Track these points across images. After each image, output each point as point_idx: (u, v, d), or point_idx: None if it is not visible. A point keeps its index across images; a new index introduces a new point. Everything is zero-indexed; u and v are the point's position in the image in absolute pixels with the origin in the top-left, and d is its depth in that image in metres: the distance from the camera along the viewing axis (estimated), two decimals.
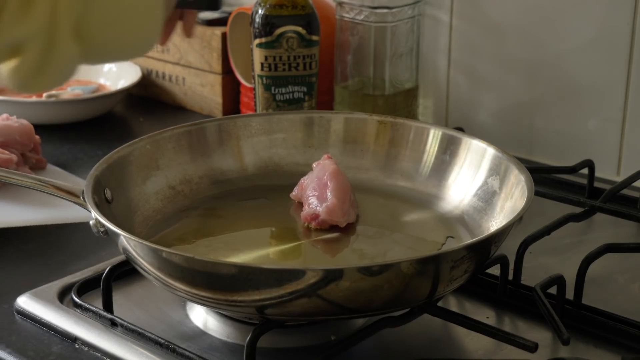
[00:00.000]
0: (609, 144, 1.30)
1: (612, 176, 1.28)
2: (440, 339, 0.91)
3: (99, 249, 1.07)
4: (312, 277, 0.78)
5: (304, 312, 0.82)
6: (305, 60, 1.31)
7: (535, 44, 1.33)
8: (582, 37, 1.29)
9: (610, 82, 1.28)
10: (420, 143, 1.09)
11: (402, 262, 0.81)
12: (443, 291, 0.85)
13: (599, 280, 0.98)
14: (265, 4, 1.31)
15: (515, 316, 0.95)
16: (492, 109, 1.40)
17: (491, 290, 0.96)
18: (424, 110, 1.46)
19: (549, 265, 1.01)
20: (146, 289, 0.97)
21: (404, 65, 1.39)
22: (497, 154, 1.01)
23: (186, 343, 0.88)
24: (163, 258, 0.83)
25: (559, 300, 0.92)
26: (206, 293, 0.83)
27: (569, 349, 0.87)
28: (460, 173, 1.05)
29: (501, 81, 1.38)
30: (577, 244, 1.08)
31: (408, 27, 1.38)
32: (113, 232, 0.87)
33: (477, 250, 0.84)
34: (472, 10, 1.37)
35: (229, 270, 0.81)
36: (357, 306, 0.82)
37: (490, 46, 1.37)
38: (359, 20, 1.36)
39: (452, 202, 1.04)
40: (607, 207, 1.10)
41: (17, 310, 0.95)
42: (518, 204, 0.92)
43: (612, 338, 0.90)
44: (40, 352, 0.89)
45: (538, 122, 1.36)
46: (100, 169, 0.96)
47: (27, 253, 1.07)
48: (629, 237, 1.11)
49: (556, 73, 1.32)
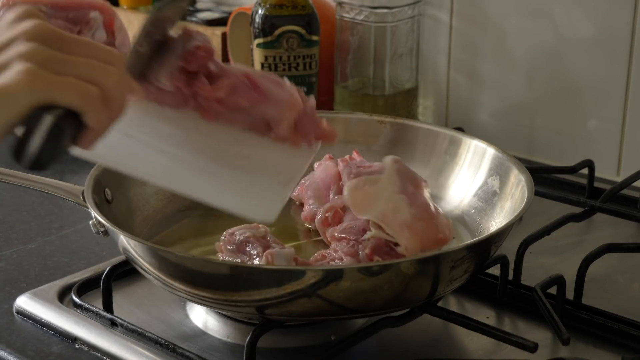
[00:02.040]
0: (609, 144, 1.30)
1: (612, 176, 1.28)
2: (440, 339, 0.91)
3: (99, 249, 1.07)
4: (312, 277, 0.78)
5: (304, 312, 0.82)
6: (305, 60, 1.31)
7: (535, 44, 1.33)
8: (582, 37, 1.29)
9: (610, 82, 1.28)
10: (420, 143, 1.09)
11: (402, 262, 0.81)
12: (443, 291, 0.85)
13: (599, 280, 0.98)
14: (265, 4, 1.31)
15: (515, 316, 0.95)
16: (492, 109, 1.40)
17: (491, 290, 0.96)
18: (424, 110, 1.46)
19: (549, 265, 1.01)
20: (146, 289, 0.97)
21: (404, 65, 1.39)
22: (497, 154, 1.01)
23: (186, 343, 0.88)
24: (163, 258, 0.83)
25: (559, 300, 0.92)
26: (206, 293, 0.83)
27: (569, 349, 0.87)
28: (460, 173, 1.05)
29: (501, 81, 1.38)
30: (577, 244, 1.08)
31: (408, 27, 1.38)
32: (113, 232, 0.87)
33: (477, 251, 0.84)
34: (472, 10, 1.37)
35: (229, 270, 0.81)
36: (357, 306, 0.82)
37: (490, 46, 1.37)
38: (359, 20, 1.36)
39: (452, 202, 1.04)
40: (607, 207, 1.10)
41: (17, 310, 0.95)
42: (518, 204, 0.92)
43: (612, 338, 0.90)
44: (40, 352, 0.89)
45: (538, 122, 1.36)
46: (100, 168, 0.96)
47: (27, 253, 1.07)
48: (629, 237, 1.11)
49: (556, 73, 1.32)
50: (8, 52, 0.64)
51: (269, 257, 0.86)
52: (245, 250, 0.89)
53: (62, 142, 0.64)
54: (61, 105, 0.64)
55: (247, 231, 0.90)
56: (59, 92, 0.64)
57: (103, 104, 0.66)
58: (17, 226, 1.14)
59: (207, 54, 0.85)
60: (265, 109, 0.87)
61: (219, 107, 0.85)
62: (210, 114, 0.85)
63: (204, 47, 0.84)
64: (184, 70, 0.84)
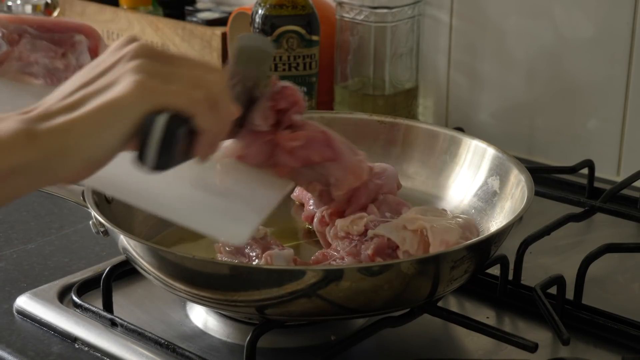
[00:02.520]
0: (609, 144, 1.30)
1: (612, 176, 1.28)
2: (440, 339, 0.91)
3: (99, 249, 1.07)
4: (312, 277, 0.78)
5: (304, 312, 0.82)
6: (305, 60, 1.31)
7: (535, 44, 1.33)
8: (582, 37, 1.29)
9: (610, 82, 1.28)
10: (421, 143, 1.09)
11: (402, 262, 0.81)
12: (443, 291, 0.85)
13: (599, 280, 0.98)
14: (265, 4, 1.31)
15: (515, 316, 0.95)
16: (492, 109, 1.40)
17: (491, 290, 0.96)
18: (424, 110, 1.46)
19: (549, 265, 1.01)
20: (146, 289, 0.97)
21: (404, 65, 1.39)
22: (497, 154, 1.01)
23: (186, 343, 0.88)
24: (163, 258, 0.83)
25: (559, 300, 0.92)
26: (206, 293, 0.83)
27: (569, 349, 0.87)
28: (460, 173, 1.05)
29: (501, 81, 1.38)
30: (577, 244, 1.08)
31: (408, 27, 1.38)
32: (113, 232, 0.87)
33: (477, 251, 0.84)
34: (472, 10, 1.38)
35: (229, 270, 0.81)
36: (357, 306, 0.82)
37: (490, 46, 1.37)
38: (359, 20, 1.36)
39: (452, 202, 1.04)
40: (607, 207, 1.10)
41: (17, 310, 0.95)
42: (518, 204, 0.92)
43: (612, 338, 0.90)
44: (40, 352, 0.89)
45: (538, 122, 1.36)
46: None
47: (27, 253, 1.07)
48: (629, 237, 1.11)
49: (556, 73, 1.32)
50: (116, 70, 0.68)
51: (268, 258, 0.86)
52: (244, 252, 0.89)
53: (177, 141, 0.68)
54: (171, 110, 0.67)
55: None
56: (168, 98, 0.67)
57: (210, 107, 0.70)
58: (17, 226, 1.14)
59: (293, 93, 0.90)
60: (333, 169, 0.91)
61: (291, 161, 0.89)
62: (285, 171, 0.90)
63: (290, 87, 0.90)
64: (274, 109, 0.89)
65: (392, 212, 0.93)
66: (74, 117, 0.66)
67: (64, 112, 0.66)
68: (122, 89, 0.66)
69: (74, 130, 0.65)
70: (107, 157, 0.67)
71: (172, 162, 0.69)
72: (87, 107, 0.66)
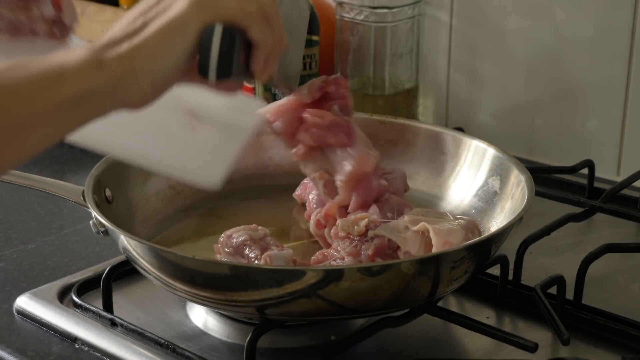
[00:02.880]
0: (609, 144, 1.30)
1: (612, 176, 1.28)
2: (440, 339, 0.91)
3: (99, 249, 1.07)
4: (312, 277, 0.78)
5: (304, 312, 0.82)
6: (305, 60, 1.31)
7: (535, 44, 1.33)
8: (582, 37, 1.29)
9: (610, 82, 1.28)
10: (421, 143, 1.09)
11: (402, 262, 0.81)
12: (443, 291, 0.85)
13: (599, 280, 0.98)
14: None
15: (515, 316, 0.95)
16: (492, 109, 1.40)
17: (491, 290, 0.96)
18: (424, 110, 1.46)
19: (549, 265, 1.01)
20: (146, 289, 0.97)
21: (404, 65, 1.39)
22: (497, 154, 1.01)
23: (186, 343, 0.88)
24: (163, 258, 0.83)
25: (559, 300, 0.92)
26: (206, 293, 0.83)
27: (569, 349, 0.87)
28: (461, 173, 1.05)
29: (501, 81, 1.38)
30: (577, 244, 1.08)
31: (408, 27, 1.38)
32: (113, 232, 0.87)
33: (478, 251, 0.84)
34: (472, 10, 1.37)
35: (229, 270, 0.81)
36: (357, 306, 0.82)
37: (490, 46, 1.37)
38: (359, 20, 1.36)
39: (453, 202, 1.04)
40: (607, 207, 1.10)
41: (17, 310, 0.95)
42: (518, 204, 0.92)
43: (612, 338, 0.90)
44: (40, 352, 0.89)
45: (538, 122, 1.36)
46: (100, 168, 0.96)
47: (27, 253, 1.07)
48: (629, 237, 1.11)
49: (556, 73, 1.32)
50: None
51: (267, 259, 0.86)
52: (243, 253, 0.89)
53: (234, 50, 0.73)
54: (227, 22, 0.72)
55: (245, 233, 0.90)
56: (223, 11, 0.72)
57: (263, 20, 0.74)
58: (17, 226, 1.14)
59: (345, 87, 0.99)
60: (342, 155, 0.96)
61: (309, 139, 0.95)
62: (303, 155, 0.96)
63: (345, 81, 0.99)
64: (323, 89, 0.98)
65: (393, 212, 0.93)
66: (138, 41, 0.69)
67: (128, 39, 0.70)
68: (179, 7, 0.71)
69: (139, 53, 0.69)
70: (173, 77, 0.71)
71: (232, 72, 0.73)
72: (149, 30, 0.70)
